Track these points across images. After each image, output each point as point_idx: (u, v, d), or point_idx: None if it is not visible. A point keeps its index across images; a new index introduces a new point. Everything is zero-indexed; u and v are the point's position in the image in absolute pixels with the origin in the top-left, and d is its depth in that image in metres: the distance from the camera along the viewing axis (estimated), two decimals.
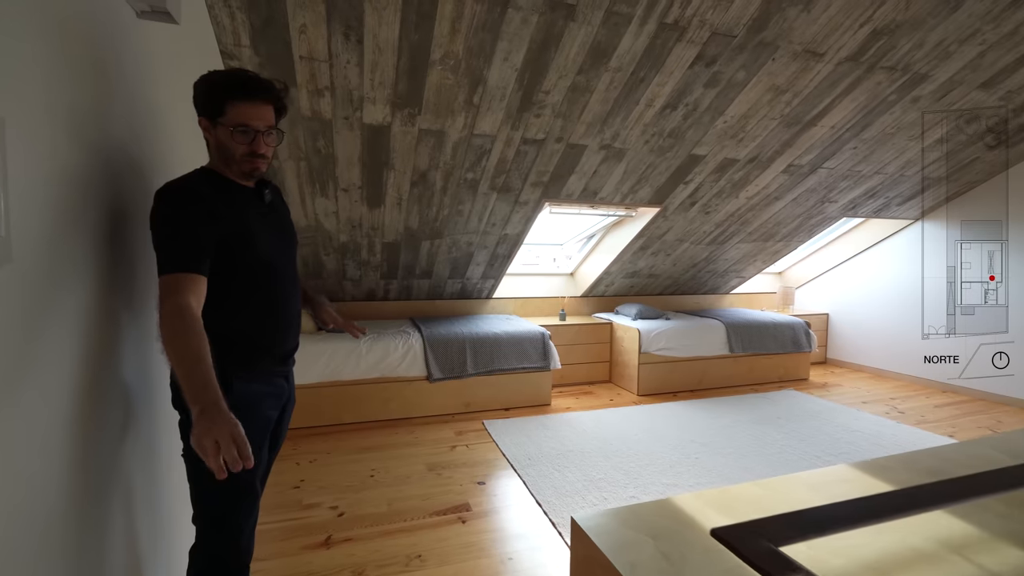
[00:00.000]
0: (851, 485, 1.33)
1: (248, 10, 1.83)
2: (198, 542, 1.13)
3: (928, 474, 1.03)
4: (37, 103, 0.84)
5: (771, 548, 0.58)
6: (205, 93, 1.09)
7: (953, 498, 0.72)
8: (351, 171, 2.70)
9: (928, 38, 2.48)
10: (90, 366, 0.98)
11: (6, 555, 0.73)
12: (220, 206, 1.07)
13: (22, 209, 0.78)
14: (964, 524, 0.89)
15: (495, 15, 1.98)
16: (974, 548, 0.83)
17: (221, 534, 1.13)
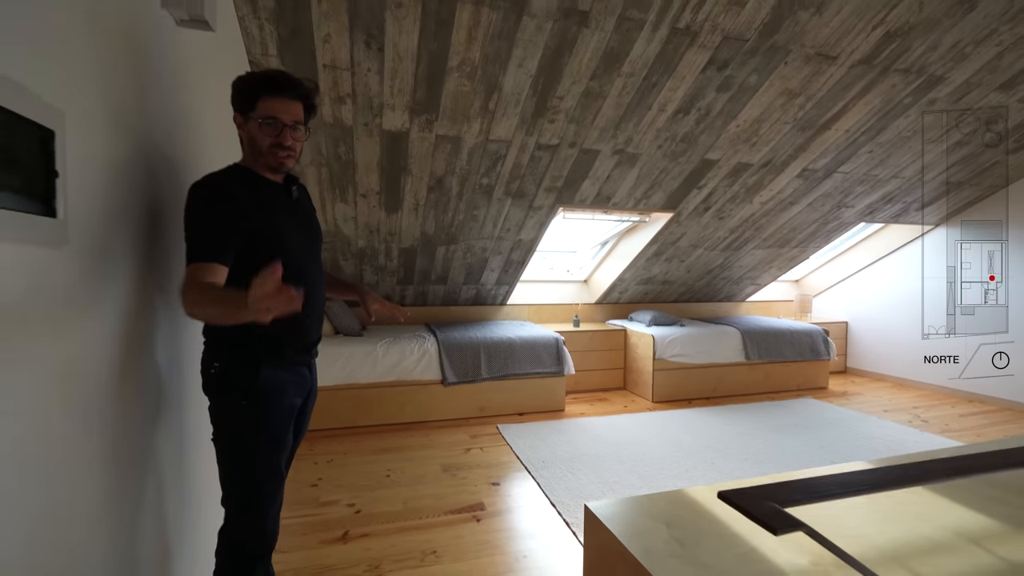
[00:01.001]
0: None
1: (276, 21, 1.92)
2: (226, 523, 1.17)
3: None
4: (93, 100, 0.91)
5: (776, 508, 0.60)
6: (241, 90, 1.16)
7: (957, 473, 0.72)
8: (370, 177, 2.78)
9: (943, 40, 2.48)
10: (130, 347, 1.04)
11: (49, 532, 0.77)
12: (249, 202, 1.12)
13: (78, 195, 0.84)
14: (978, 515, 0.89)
15: (510, 23, 2.05)
16: (992, 539, 0.83)
17: (248, 515, 1.17)
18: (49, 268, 0.78)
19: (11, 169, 0.71)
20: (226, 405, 1.16)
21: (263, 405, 1.16)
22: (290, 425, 1.23)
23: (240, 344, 1.15)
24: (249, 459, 1.17)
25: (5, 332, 0.68)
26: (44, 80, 0.76)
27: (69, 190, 0.81)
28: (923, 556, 1.01)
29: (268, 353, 1.17)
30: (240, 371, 1.15)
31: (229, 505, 1.17)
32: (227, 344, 1.16)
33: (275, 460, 1.18)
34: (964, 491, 1.28)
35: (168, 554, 1.23)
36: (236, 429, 1.16)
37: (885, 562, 0.93)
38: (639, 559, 0.89)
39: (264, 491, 1.18)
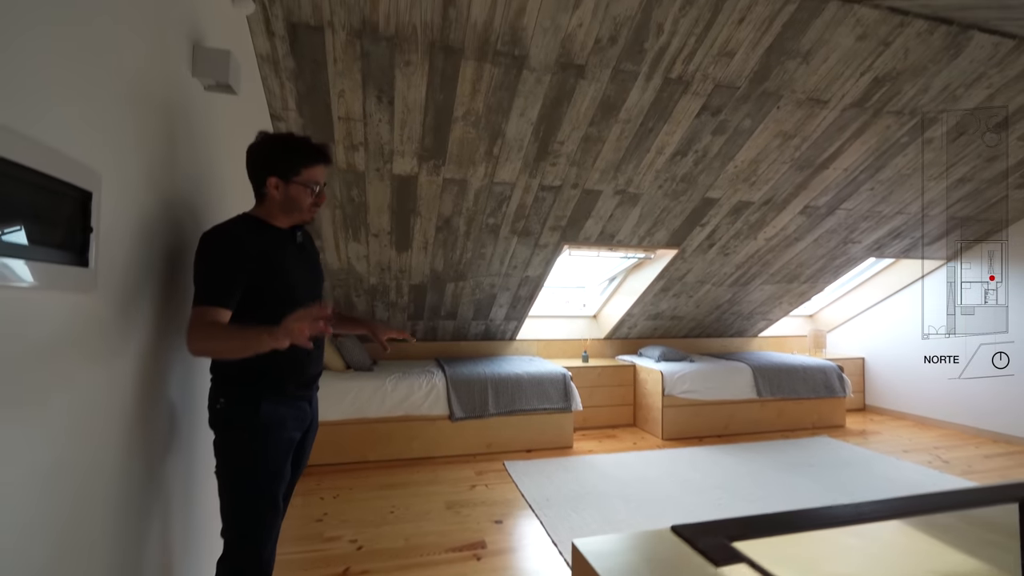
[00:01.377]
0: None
1: (295, 79, 2.10)
2: (225, 553, 1.22)
3: None
4: (128, 161, 1.03)
5: (722, 542, 0.63)
6: (282, 156, 1.25)
7: (909, 512, 0.75)
8: (381, 218, 2.91)
9: (932, 83, 2.56)
10: (146, 383, 1.12)
11: (67, 552, 0.84)
12: (256, 249, 1.22)
13: (108, 246, 0.95)
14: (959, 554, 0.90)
15: (511, 76, 2.19)
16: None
17: (247, 545, 1.21)
18: (80, 312, 0.88)
19: (54, 227, 0.82)
20: (229, 439, 1.22)
21: (263, 439, 1.22)
22: (289, 458, 1.29)
23: (243, 380, 1.22)
24: (249, 491, 1.22)
25: (41, 366, 0.77)
26: (86, 147, 0.88)
27: (101, 242, 0.92)
28: None
29: (270, 388, 1.24)
30: (242, 406, 1.21)
31: (228, 536, 1.22)
32: (231, 380, 1.23)
33: (274, 492, 1.23)
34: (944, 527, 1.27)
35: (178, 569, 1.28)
36: (237, 462, 1.22)
37: None
38: None
39: (262, 522, 1.22)
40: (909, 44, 2.31)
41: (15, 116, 0.71)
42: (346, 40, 1.96)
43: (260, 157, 1.27)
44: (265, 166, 1.26)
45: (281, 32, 1.91)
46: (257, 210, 1.30)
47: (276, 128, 2.27)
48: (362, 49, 2.00)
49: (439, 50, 2.05)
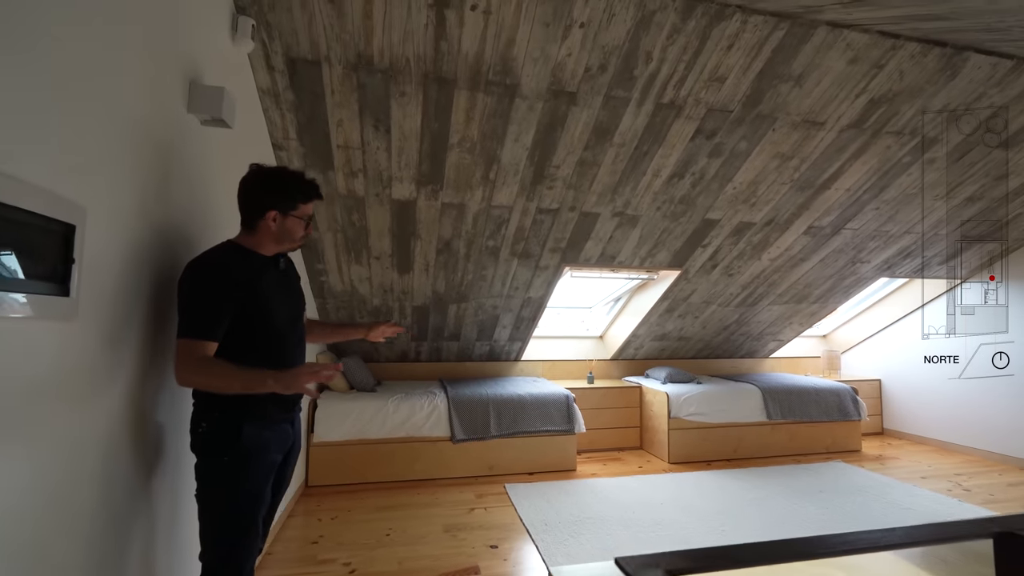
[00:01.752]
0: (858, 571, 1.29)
1: (295, 111, 2.18)
2: (203, 573, 1.24)
3: None
4: (117, 195, 1.09)
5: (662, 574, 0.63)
6: (284, 192, 1.32)
7: (874, 546, 0.73)
8: (382, 241, 2.97)
9: (931, 104, 2.55)
10: (131, 408, 1.16)
11: (39, 566, 0.87)
12: (241, 275, 1.26)
13: (92, 276, 1.00)
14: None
15: (504, 104, 2.25)
16: None
17: (226, 568, 1.23)
18: (61, 339, 0.93)
19: (39, 261, 0.87)
20: (211, 463, 1.24)
21: (246, 463, 1.24)
22: (270, 481, 1.31)
23: (226, 405, 1.24)
24: (229, 514, 1.24)
25: (21, 390, 0.82)
26: (73, 182, 0.94)
27: (84, 272, 0.97)
28: None
29: (252, 412, 1.26)
30: (225, 430, 1.23)
31: (207, 558, 1.23)
32: (214, 405, 1.24)
33: (254, 516, 1.25)
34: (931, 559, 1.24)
35: None
36: (219, 486, 1.24)
37: None
38: None
39: (242, 545, 1.24)
40: (903, 66, 2.31)
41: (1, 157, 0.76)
42: (343, 73, 2.04)
43: (259, 191, 1.32)
44: (265, 200, 1.31)
45: (280, 67, 1.99)
46: (244, 238, 1.34)
47: (278, 157, 2.35)
48: (358, 81, 2.08)
49: (432, 81, 2.12)
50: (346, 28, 1.89)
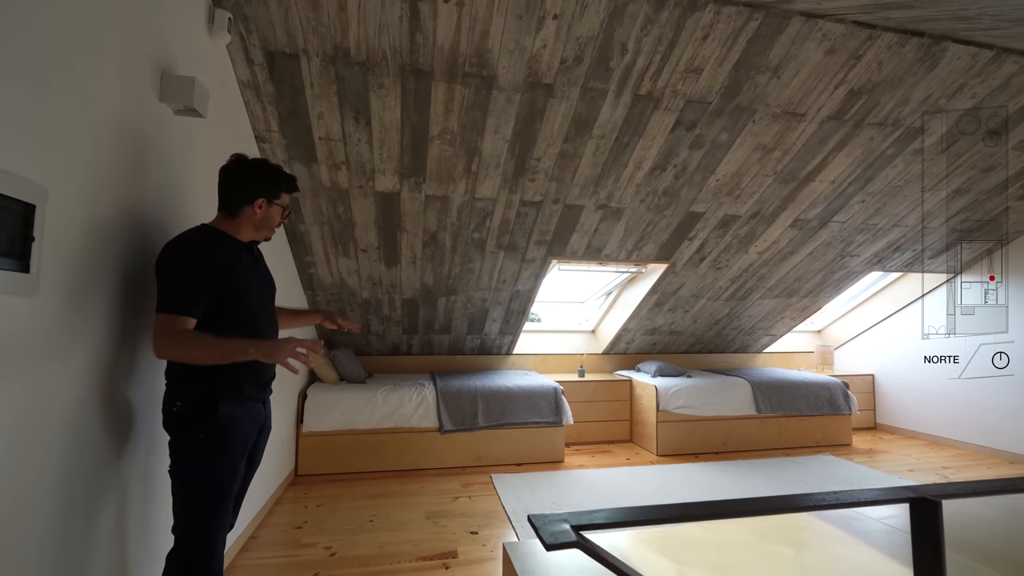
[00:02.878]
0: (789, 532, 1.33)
1: (276, 103, 2.22)
2: (175, 548, 1.27)
3: None
4: (83, 175, 1.13)
5: (564, 529, 0.66)
6: (272, 182, 1.40)
7: (763, 509, 0.76)
8: (368, 233, 3.01)
9: (912, 95, 2.55)
10: (98, 382, 1.20)
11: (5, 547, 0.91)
12: (217, 257, 1.31)
13: (55, 254, 1.04)
14: None
15: (482, 96, 2.28)
16: None
17: (198, 543, 1.27)
18: (20, 315, 0.97)
19: None
20: (185, 440, 1.28)
21: (220, 439, 1.28)
22: (243, 458, 1.35)
23: (201, 383, 1.28)
24: (202, 490, 1.27)
25: None
26: (35, 163, 0.98)
27: (45, 250, 1.01)
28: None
29: (227, 390, 1.30)
30: (200, 408, 1.27)
31: (179, 532, 1.27)
32: (189, 383, 1.28)
33: (227, 491, 1.30)
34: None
35: (136, 558, 1.35)
36: (193, 462, 1.27)
37: None
38: None
39: (214, 520, 1.28)
40: (881, 57, 2.31)
41: None
42: (321, 66, 2.08)
43: (248, 178, 1.38)
44: (254, 187, 1.38)
45: (259, 60, 2.03)
46: (221, 223, 1.38)
47: (261, 149, 2.40)
48: (336, 73, 2.12)
49: (410, 73, 2.15)
50: (322, 21, 1.93)
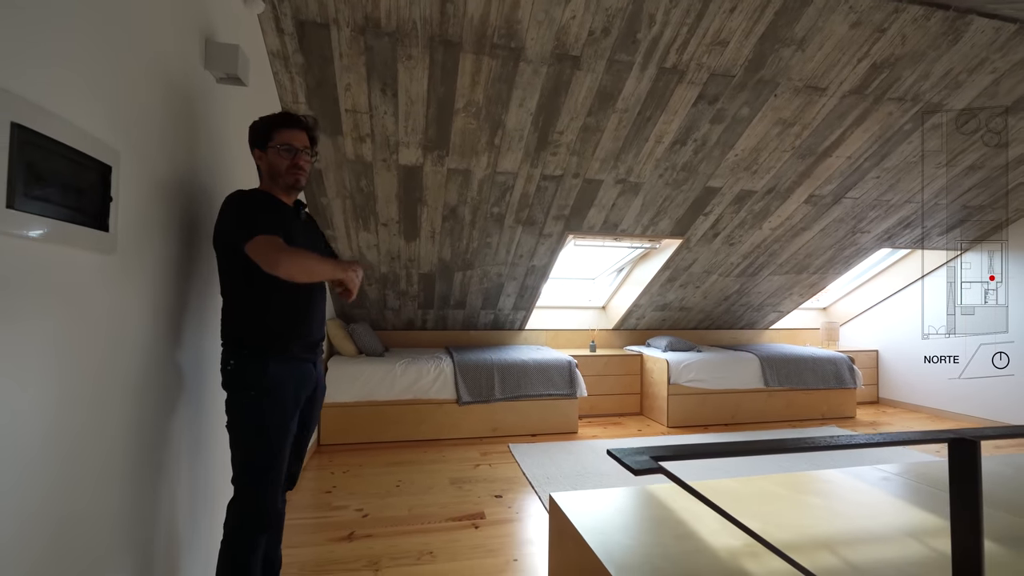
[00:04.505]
0: (817, 484, 1.40)
1: (304, 74, 2.23)
2: (235, 498, 1.35)
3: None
4: (144, 140, 1.16)
5: (649, 459, 0.72)
6: (258, 130, 1.40)
7: (814, 447, 0.82)
8: (389, 207, 3.04)
9: (933, 69, 2.56)
10: (157, 343, 1.25)
11: (76, 497, 0.98)
12: (274, 208, 1.36)
13: (127, 214, 1.08)
14: None
15: (508, 68, 2.29)
16: None
17: (255, 492, 1.33)
18: (100, 271, 1.01)
19: (78, 195, 0.95)
20: (239, 397, 1.34)
21: (270, 397, 1.34)
22: (294, 415, 1.40)
23: (252, 343, 1.34)
24: (256, 444, 1.33)
25: (59, 313, 0.91)
26: (106, 125, 1.01)
27: (120, 211, 1.05)
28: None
29: (276, 350, 1.36)
30: (251, 367, 1.32)
31: (239, 483, 1.34)
32: (241, 344, 1.33)
33: (279, 446, 1.35)
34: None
35: (184, 524, 1.42)
36: (247, 418, 1.33)
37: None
38: (582, 534, 1.03)
39: (270, 472, 1.34)
40: (906, 30, 2.32)
41: (48, 98, 0.84)
42: (350, 36, 2.09)
43: (249, 136, 1.43)
44: (250, 141, 1.42)
45: (290, 29, 2.04)
46: (261, 186, 1.44)
47: None
48: (366, 44, 2.13)
49: (439, 44, 2.15)
50: None
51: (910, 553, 1.02)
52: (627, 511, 1.26)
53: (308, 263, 1.28)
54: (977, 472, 0.88)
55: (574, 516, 1.17)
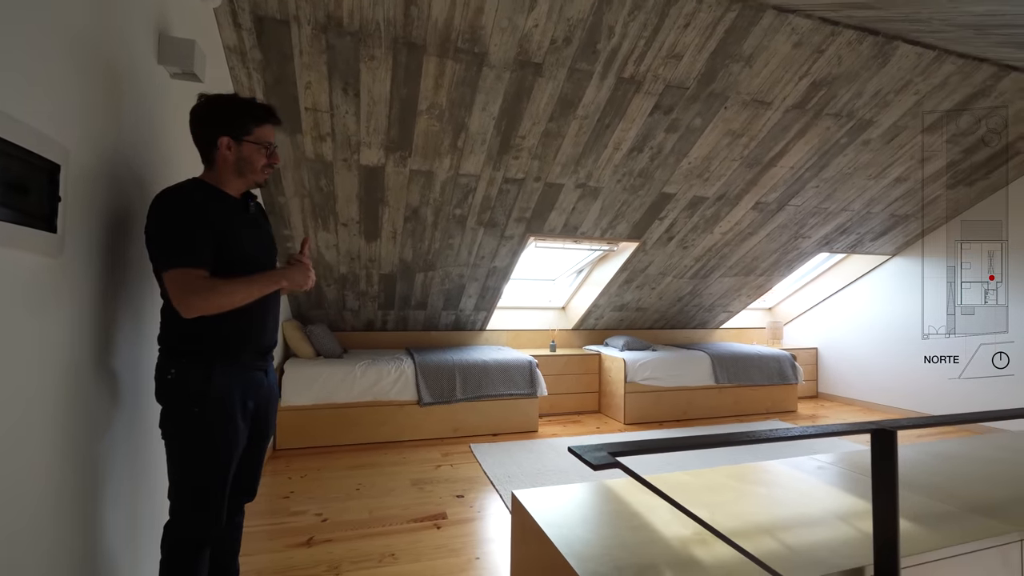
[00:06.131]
0: (761, 475, 1.51)
1: (262, 70, 2.18)
2: (173, 519, 1.23)
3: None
4: (94, 138, 1.11)
5: (607, 455, 0.77)
6: (234, 116, 1.25)
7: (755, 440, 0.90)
8: (350, 207, 3.00)
9: (865, 88, 2.77)
10: (84, 353, 1.13)
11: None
12: (210, 211, 1.20)
13: (75, 214, 1.04)
14: None
15: (472, 72, 2.31)
16: None
17: (195, 513, 1.22)
18: (46, 274, 0.97)
19: (25, 195, 0.91)
20: (180, 409, 1.20)
21: (215, 409, 1.21)
22: (244, 428, 1.28)
23: (195, 350, 1.20)
24: (199, 462, 1.21)
25: (8, 325, 0.87)
26: (55, 123, 0.97)
27: (68, 211, 1.01)
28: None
29: (222, 357, 1.22)
30: (195, 376, 1.19)
31: (177, 503, 1.22)
32: (182, 351, 1.20)
33: (226, 461, 1.23)
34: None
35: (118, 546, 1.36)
36: (189, 432, 1.20)
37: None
38: (543, 529, 1.07)
39: (213, 490, 1.23)
40: (841, 52, 2.51)
41: None
42: (311, 34, 2.05)
43: (209, 117, 1.25)
44: (216, 125, 1.24)
45: (248, 25, 1.99)
46: (208, 175, 1.28)
47: None
48: (327, 43, 2.10)
49: (402, 46, 2.15)
50: None
51: (839, 534, 1.12)
52: (586, 505, 1.32)
53: (224, 298, 1.15)
54: (894, 458, 0.99)
55: (536, 512, 1.21)
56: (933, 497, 1.29)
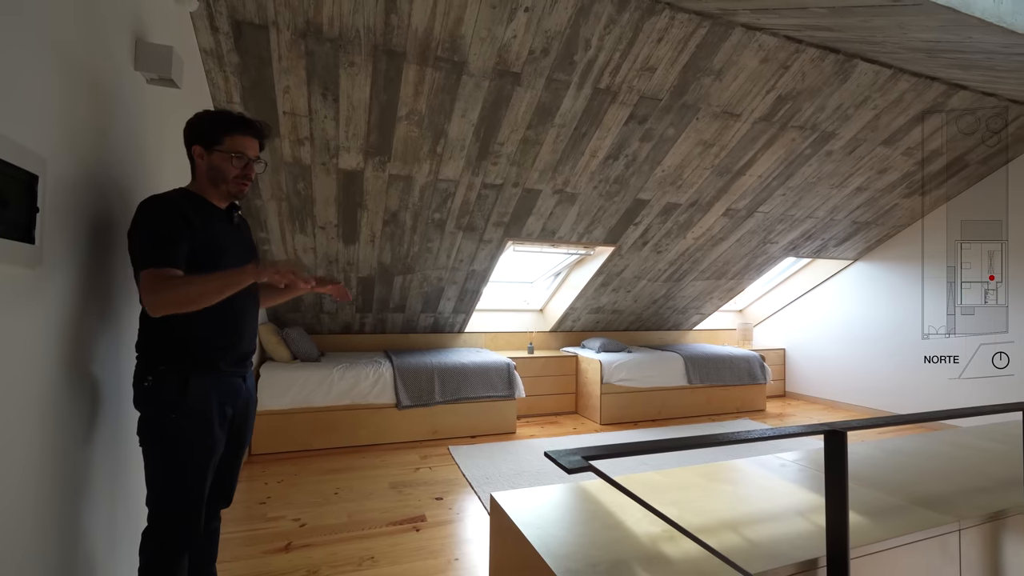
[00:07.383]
0: (728, 473, 1.59)
1: (240, 74, 2.17)
2: (151, 525, 1.24)
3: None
4: (71, 147, 1.11)
5: (580, 458, 0.82)
6: (206, 126, 1.28)
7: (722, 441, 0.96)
8: (328, 210, 2.99)
9: (827, 103, 2.91)
10: (64, 359, 1.13)
11: None
12: (193, 218, 1.22)
13: (52, 224, 1.03)
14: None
15: (452, 80, 2.35)
16: None
17: (172, 520, 1.23)
18: (25, 285, 0.97)
19: (3, 207, 0.91)
20: (157, 416, 1.20)
21: (192, 416, 1.21)
22: (220, 436, 1.29)
23: (173, 357, 1.21)
24: (177, 468, 1.21)
25: None
26: (32, 133, 0.97)
27: (46, 221, 1.01)
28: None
29: (200, 365, 1.23)
30: (172, 383, 1.20)
31: (155, 509, 1.22)
32: (160, 358, 1.21)
33: (203, 468, 1.23)
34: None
35: (97, 552, 1.35)
36: (166, 439, 1.20)
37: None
38: (521, 529, 1.12)
39: (190, 497, 1.24)
40: (805, 68, 2.63)
41: None
42: (291, 39, 2.06)
43: (188, 128, 1.31)
44: (191, 136, 1.30)
45: (225, 29, 1.98)
46: (192, 185, 1.32)
47: None
48: (306, 49, 2.10)
49: (382, 53, 2.17)
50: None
51: (797, 528, 1.19)
52: (562, 506, 1.37)
53: (192, 288, 1.13)
54: (844, 455, 1.07)
55: (514, 513, 1.26)
56: (882, 491, 1.39)
